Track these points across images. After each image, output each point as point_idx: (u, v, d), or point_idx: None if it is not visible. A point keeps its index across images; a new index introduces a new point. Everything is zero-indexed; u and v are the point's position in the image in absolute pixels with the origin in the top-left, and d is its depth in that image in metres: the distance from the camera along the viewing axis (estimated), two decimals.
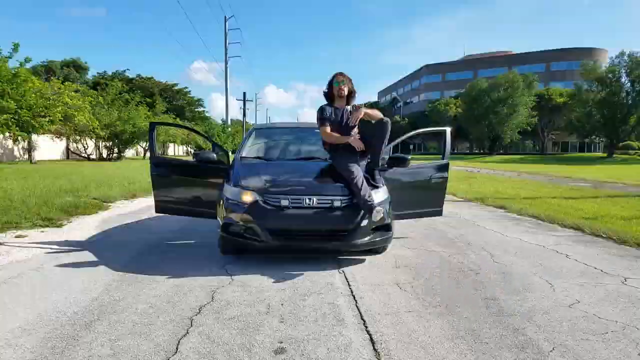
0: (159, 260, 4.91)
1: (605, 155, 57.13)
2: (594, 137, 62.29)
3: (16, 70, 17.32)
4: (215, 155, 5.58)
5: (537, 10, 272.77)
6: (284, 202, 4.58)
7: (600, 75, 53.95)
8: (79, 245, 5.52)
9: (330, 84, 5.13)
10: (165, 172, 5.74)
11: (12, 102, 17.08)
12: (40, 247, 5.38)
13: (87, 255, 5.03)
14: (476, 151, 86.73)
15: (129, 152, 44.46)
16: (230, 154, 6.08)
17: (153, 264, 4.70)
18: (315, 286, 4.01)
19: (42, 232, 6.30)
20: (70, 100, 24.60)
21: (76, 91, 26.46)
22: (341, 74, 5.13)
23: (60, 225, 6.76)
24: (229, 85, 54.67)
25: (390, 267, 4.66)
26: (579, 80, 58.35)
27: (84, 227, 6.71)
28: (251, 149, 6.26)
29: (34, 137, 27.52)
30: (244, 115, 62.08)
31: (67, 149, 33.04)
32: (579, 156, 61.60)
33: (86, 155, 31.77)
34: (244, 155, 5.92)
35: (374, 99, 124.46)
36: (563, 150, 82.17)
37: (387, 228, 4.89)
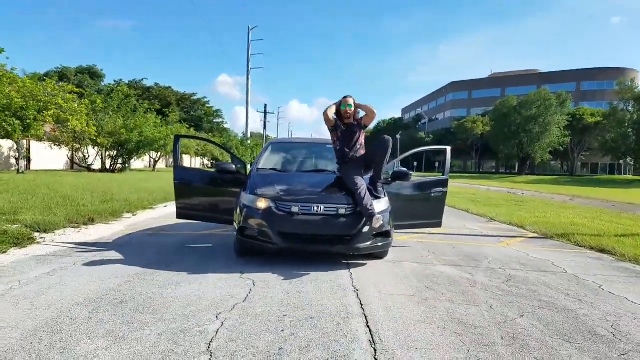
0: None
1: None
2: (629, 159, 58.59)
3: None
4: (234, 167, 5.98)
5: (563, 30, 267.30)
6: (295, 209, 5.00)
7: (637, 94, 51.33)
8: None
9: (339, 104, 5.62)
10: (187, 181, 6.21)
11: None
12: None
13: None
14: (502, 170, 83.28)
15: (139, 163, 42.08)
16: (248, 165, 6.57)
17: None
18: None
19: None
20: (65, 103, 22.24)
21: (74, 94, 24.08)
22: (349, 96, 5.62)
23: None
24: (250, 98, 52.46)
25: None
26: (614, 100, 55.83)
27: None
28: (267, 161, 6.73)
29: (29, 144, 25.43)
30: (265, 127, 60.14)
31: (72, 158, 30.63)
32: (612, 178, 58.03)
33: (86, 166, 29.27)
34: (260, 166, 6.42)
35: (398, 115, 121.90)
36: (592, 171, 78.37)
37: (387, 235, 5.26)
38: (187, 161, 62.21)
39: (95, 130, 26.06)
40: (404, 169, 6.37)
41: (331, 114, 5.62)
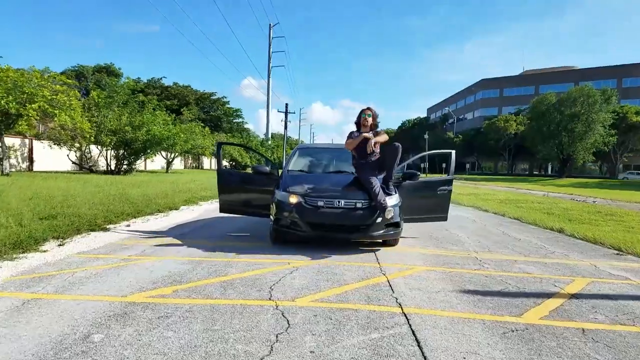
0: None
1: None
2: None
3: None
4: (268, 168, 7.18)
5: (597, 27, 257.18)
6: (320, 203, 5.97)
7: None
8: None
9: (360, 115, 6.55)
10: (228, 180, 7.35)
11: None
12: None
13: None
14: (535, 172, 78.34)
15: (154, 164, 38.97)
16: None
17: None
18: None
19: None
20: (55, 95, 19.21)
21: (67, 85, 21.09)
22: (369, 108, 6.55)
23: None
24: (272, 99, 49.39)
25: None
26: None
27: None
28: (296, 163, 7.71)
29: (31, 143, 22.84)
30: (285, 127, 56.68)
31: (80, 159, 27.53)
32: None
33: (88, 167, 26.30)
34: (290, 168, 7.46)
35: (423, 115, 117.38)
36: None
37: (397, 225, 6.16)
38: (207, 163, 59.50)
39: (93, 127, 23.12)
40: (413, 171, 7.33)
41: (354, 144, 6.39)
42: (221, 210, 7.29)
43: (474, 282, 4.62)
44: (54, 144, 23.48)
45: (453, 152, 7.49)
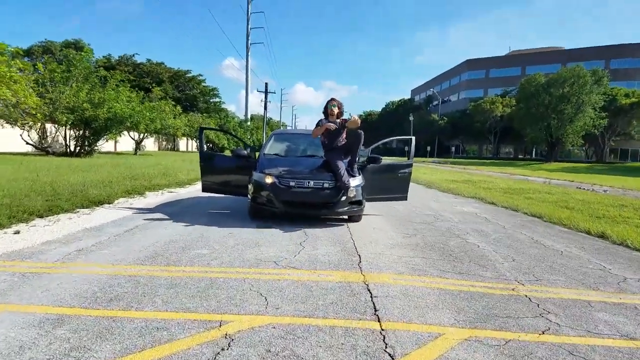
0: None
1: None
2: None
3: None
4: (246, 152, 7.96)
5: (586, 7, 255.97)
6: (292, 183, 6.75)
7: None
8: None
9: (326, 106, 7.33)
10: (209, 163, 8.05)
11: None
12: None
13: None
14: (520, 156, 76.89)
15: (124, 145, 36.32)
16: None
17: None
18: None
19: None
20: None
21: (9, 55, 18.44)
22: (334, 99, 7.36)
23: None
24: (251, 78, 46.75)
25: None
26: None
27: None
28: (271, 147, 8.49)
29: None
30: (265, 108, 54.23)
31: (41, 138, 24.85)
32: None
33: (42, 148, 23.71)
34: (266, 152, 8.17)
35: (407, 97, 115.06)
36: (621, 158, 71.54)
37: (359, 203, 7.04)
38: (183, 145, 56.96)
39: (48, 104, 20.63)
40: (377, 155, 7.98)
41: (319, 133, 7.17)
42: (204, 190, 8.14)
43: None
44: (6, 123, 20.93)
45: (413, 137, 8.52)
